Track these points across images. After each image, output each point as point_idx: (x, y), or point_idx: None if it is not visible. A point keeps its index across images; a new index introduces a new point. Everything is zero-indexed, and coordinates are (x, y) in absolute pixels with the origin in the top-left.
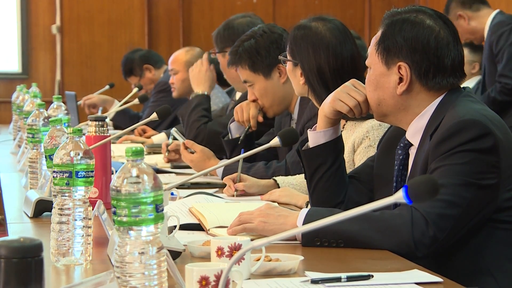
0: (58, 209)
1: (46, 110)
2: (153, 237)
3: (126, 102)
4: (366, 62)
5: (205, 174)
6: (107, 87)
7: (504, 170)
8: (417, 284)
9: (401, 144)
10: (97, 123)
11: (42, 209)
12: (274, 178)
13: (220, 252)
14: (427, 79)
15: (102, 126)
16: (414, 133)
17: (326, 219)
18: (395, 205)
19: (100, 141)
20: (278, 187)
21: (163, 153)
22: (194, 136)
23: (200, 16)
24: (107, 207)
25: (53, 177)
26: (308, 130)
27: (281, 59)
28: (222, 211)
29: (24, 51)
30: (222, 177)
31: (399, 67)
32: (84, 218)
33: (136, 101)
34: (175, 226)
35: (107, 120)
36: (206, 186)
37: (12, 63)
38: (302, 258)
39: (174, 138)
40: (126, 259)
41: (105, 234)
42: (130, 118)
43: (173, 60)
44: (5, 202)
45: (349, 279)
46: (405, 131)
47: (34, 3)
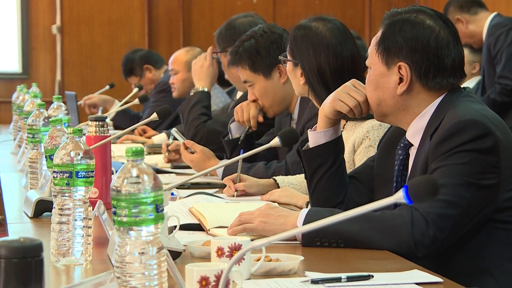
0: (58, 209)
1: (46, 110)
2: (153, 237)
3: (126, 102)
4: (366, 62)
5: (205, 174)
6: (107, 87)
7: (504, 170)
8: (417, 284)
9: (401, 144)
10: (97, 123)
11: (42, 209)
12: (274, 178)
13: (220, 252)
14: (427, 79)
15: (102, 126)
16: (414, 133)
17: (326, 219)
18: (395, 205)
19: (100, 141)
20: (278, 187)
21: (163, 153)
22: (193, 135)
23: (200, 16)
24: (107, 207)
25: (53, 177)
26: (308, 130)
27: (281, 59)
28: (222, 211)
29: (24, 51)
30: (222, 177)
31: (399, 67)
32: (84, 218)
33: (136, 101)
34: (175, 226)
35: (108, 120)
36: (206, 186)
37: (12, 63)
38: (302, 258)
39: (174, 138)
40: (126, 259)
41: (105, 234)
42: (131, 118)
43: (173, 60)
44: (5, 202)
45: (349, 279)
46: (405, 131)
47: (34, 3)
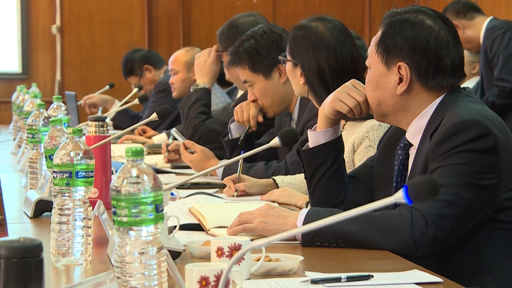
0: (58, 209)
1: (46, 110)
2: (153, 237)
3: (126, 102)
4: (366, 62)
5: (205, 174)
6: (107, 87)
7: (504, 170)
8: (417, 284)
9: (401, 144)
10: (97, 123)
11: (42, 209)
12: (273, 178)
13: (220, 252)
14: (427, 79)
15: (102, 126)
16: (414, 133)
17: (326, 219)
18: (395, 205)
19: (100, 141)
20: (277, 187)
21: (163, 153)
22: (191, 134)
23: (200, 16)
24: (107, 207)
25: (53, 177)
26: (308, 130)
27: (281, 59)
28: (222, 211)
29: (24, 51)
30: (222, 177)
31: (399, 67)
32: (84, 218)
33: (136, 101)
34: (175, 226)
35: (108, 120)
36: (206, 186)
37: (12, 63)
38: (302, 258)
39: (174, 138)
40: (126, 259)
41: (105, 234)
42: (131, 118)
43: (173, 60)
44: (5, 202)
45: (349, 279)
46: (405, 131)
47: (34, 3)
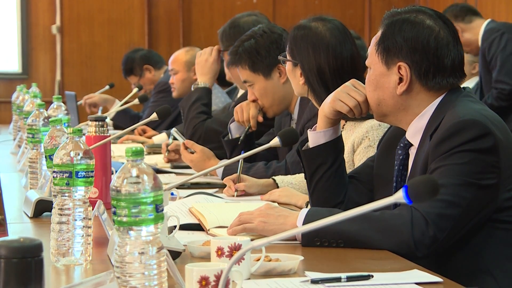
0: (58, 209)
1: (46, 110)
2: (153, 237)
3: (126, 102)
4: (366, 62)
5: (205, 174)
6: (107, 87)
7: (504, 170)
8: (417, 284)
9: (401, 144)
10: (97, 123)
11: (42, 209)
12: (273, 178)
13: (220, 252)
14: (427, 79)
15: (102, 126)
16: (414, 133)
17: (326, 219)
18: (395, 205)
19: (100, 141)
20: (277, 187)
21: (163, 153)
22: (192, 134)
23: (200, 16)
24: (107, 207)
25: (53, 177)
26: (308, 130)
27: (281, 59)
28: (222, 211)
29: (24, 51)
30: (222, 177)
31: (399, 67)
32: (84, 218)
33: (136, 101)
34: (175, 226)
35: (108, 120)
36: (206, 186)
37: (12, 63)
38: (302, 258)
39: (174, 138)
40: (126, 259)
41: (105, 234)
42: (131, 118)
43: (173, 60)
44: (5, 202)
45: (349, 279)
46: (405, 131)
47: (34, 3)
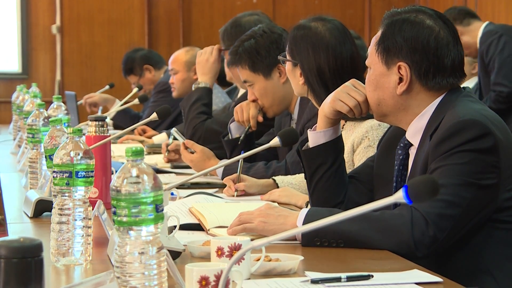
0: (58, 209)
1: (46, 110)
2: (153, 237)
3: (126, 102)
4: (366, 62)
5: (205, 174)
6: (107, 87)
7: (504, 170)
8: (417, 284)
9: (401, 144)
10: (97, 123)
11: (42, 209)
12: (273, 178)
13: (220, 252)
14: (427, 79)
15: (102, 126)
16: (414, 133)
17: (326, 219)
18: (395, 205)
19: (100, 141)
20: (277, 187)
21: (163, 153)
22: (192, 134)
23: (200, 16)
24: (107, 207)
25: (53, 177)
26: (308, 130)
27: (281, 59)
28: (222, 211)
29: (24, 51)
30: (222, 177)
31: (399, 67)
32: (84, 218)
33: (136, 101)
34: (175, 226)
35: (108, 120)
36: (206, 186)
37: (12, 63)
38: (302, 258)
39: (174, 138)
40: (126, 259)
41: (105, 234)
42: (131, 118)
43: (173, 60)
44: (5, 202)
45: (349, 279)
46: (405, 131)
47: (34, 3)
